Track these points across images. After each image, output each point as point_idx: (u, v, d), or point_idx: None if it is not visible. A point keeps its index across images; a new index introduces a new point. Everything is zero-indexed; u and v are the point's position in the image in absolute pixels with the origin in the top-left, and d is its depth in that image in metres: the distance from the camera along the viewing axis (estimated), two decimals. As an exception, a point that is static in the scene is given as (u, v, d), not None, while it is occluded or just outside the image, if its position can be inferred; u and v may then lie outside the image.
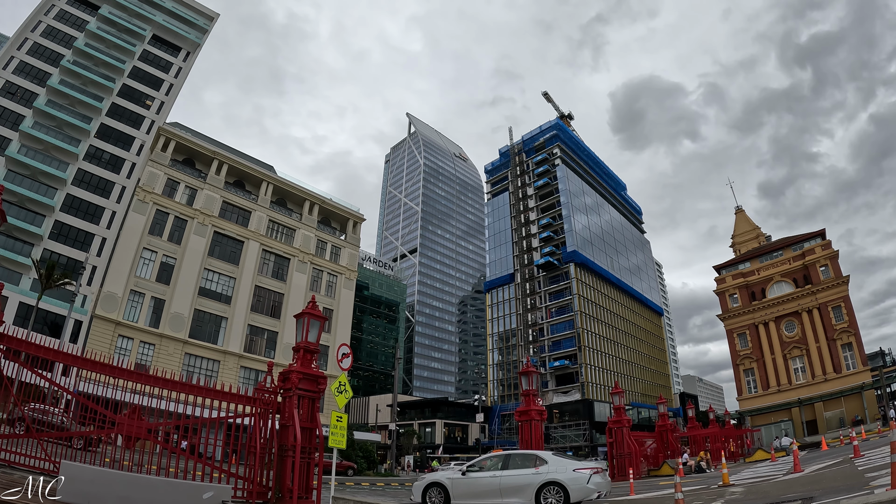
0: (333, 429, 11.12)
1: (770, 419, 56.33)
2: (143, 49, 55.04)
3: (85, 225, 45.03)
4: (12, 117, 44.56)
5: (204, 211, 49.15)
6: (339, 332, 56.28)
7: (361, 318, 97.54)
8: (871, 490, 8.04)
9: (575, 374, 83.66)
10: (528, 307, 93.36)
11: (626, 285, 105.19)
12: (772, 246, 69.36)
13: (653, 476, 27.51)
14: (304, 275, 55.10)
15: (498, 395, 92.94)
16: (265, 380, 10.51)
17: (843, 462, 16.86)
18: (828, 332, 57.68)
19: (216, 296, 48.45)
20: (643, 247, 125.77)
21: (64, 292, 39.09)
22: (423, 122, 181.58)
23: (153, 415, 10.53)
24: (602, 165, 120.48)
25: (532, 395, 20.08)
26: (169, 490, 8.09)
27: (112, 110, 50.31)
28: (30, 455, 9.38)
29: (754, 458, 33.89)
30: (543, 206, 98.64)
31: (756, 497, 11.15)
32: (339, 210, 62.15)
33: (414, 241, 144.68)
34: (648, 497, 14.73)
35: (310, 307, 11.09)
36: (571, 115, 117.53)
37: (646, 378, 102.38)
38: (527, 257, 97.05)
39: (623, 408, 27.49)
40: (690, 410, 41.26)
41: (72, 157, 45.71)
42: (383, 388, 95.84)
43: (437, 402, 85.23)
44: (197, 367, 45.06)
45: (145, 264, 44.83)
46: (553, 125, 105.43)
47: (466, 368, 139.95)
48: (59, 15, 51.10)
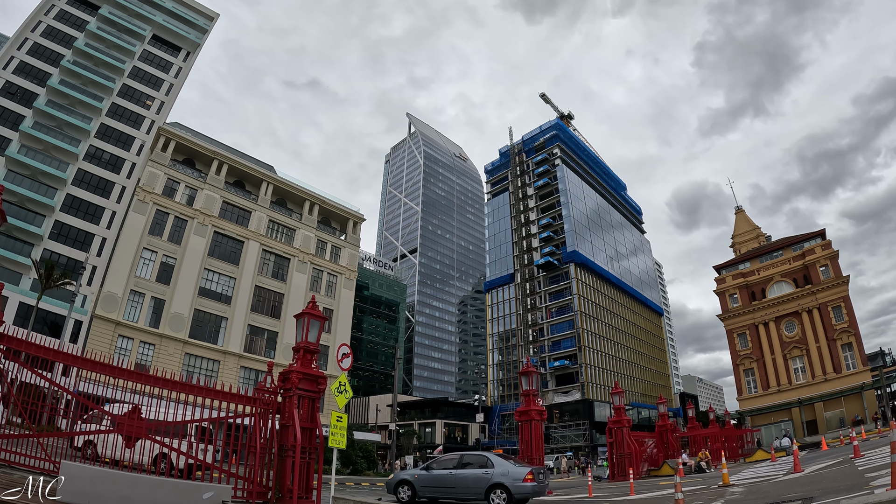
0: (333, 429, 11.12)
1: (770, 419, 56.30)
2: (143, 49, 55.06)
3: (85, 225, 45.04)
4: (12, 117, 44.56)
5: (204, 211, 49.15)
6: (339, 332, 56.28)
7: (361, 318, 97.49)
8: (872, 490, 8.04)
9: (575, 374, 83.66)
10: (528, 307, 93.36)
11: (626, 285, 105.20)
12: (772, 246, 69.36)
13: (653, 476, 27.51)
14: (304, 275, 55.11)
15: (498, 395, 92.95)
16: (265, 380, 10.51)
17: (843, 462, 16.85)
18: (828, 332, 57.68)
19: (216, 296, 48.46)
20: (643, 247, 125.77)
21: (64, 292, 39.09)
22: (423, 122, 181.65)
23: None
24: (602, 165, 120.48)
25: (532, 395, 20.09)
26: (169, 490, 8.09)
27: (112, 110, 50.33)
28: (30, 455, 9.38)
29: (754, 458, 33.89)
30: (543, 206, 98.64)
31: (756, 497, 11.15)
32: (339, 210, 62.16)
33: (414, 241, 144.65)
34: (648, 497, 14.74)
35: (310, 307, 11.09)
36: (571, 115, 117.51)
37: (646, 378, 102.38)
38: (527, 257, 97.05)
39: (623, 408, 27.49)
40: (690, 410, 41.25)
41: (72, 157, 45.72)
42: (383, 388, 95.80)
43: (437, 402, 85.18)
44: (197, 368, 45.05)
45: (145, 264, 44.83)
46: (553, 125, 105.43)
47: (466, 368, 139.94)
48: (59, 15, 51.10)
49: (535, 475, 13.72)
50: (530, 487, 13.35)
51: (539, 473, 14.15)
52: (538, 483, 13.79)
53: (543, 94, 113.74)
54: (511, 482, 13.22)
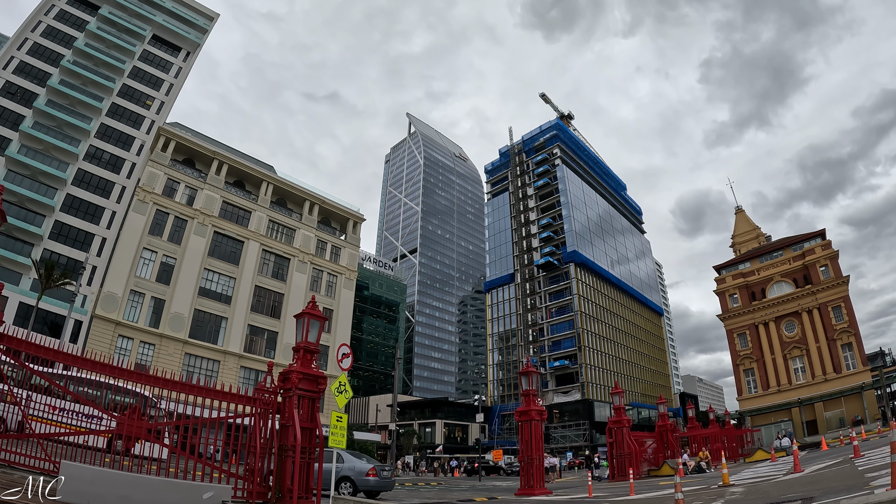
0: (333, 429, 11.12)
1: (770, 419, 56.23)
2: (143, 49, 55.06)
3: (85, 225, 45.04)
4: (12, 117, 44.56)
5: (204, 211, 49.15)
6: (339, 332, 56.28)
7: (361, 318, 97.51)
8: (872, 490, 8.04)
9: (575, 374, 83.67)
10: (528, 307, 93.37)
11: (626, 285, 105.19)
12: (772, 246, 69.34)
13: (653, 476, 27.51)
14: (304, 275, 55.11)
15: (498, 395, 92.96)
16: (265, 380, 10.50)
17: (843, 462, 16.84)
18: (828, 332, 57.67)
19: (216, 296, 48.46)
20: (643, 247, 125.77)
21: (64, 292, 39.09)
22: (424, 122, 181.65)
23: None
24: (602, 165, 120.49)
25: (532, 395, 20.05)
26: (169, 490, 8.09)
27: (112, 110, 50.33)
28: (30, 455, 9.38)
29: (754, 458, 33.87)
30: (543, 206, 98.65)
31: (756, 497, 11.14)
32: (338, 210, 62.15)
33: (414, 240, 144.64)
34: (648, 497, 14.74)
35: (310, 307, 11.09)
36: (571, 115, 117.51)
37: (646, 378, 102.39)
38: (527, 257, 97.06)
39: (623, 408, 27.46)
40: (690, 410, 41.21)
41: (72, 157, 45.72)
42: (383, 388, 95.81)
43: (437, 402, 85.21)
44: (197, 368, 45.06)
45: (145, 264, 44.83)
46: (553, 125, 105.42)
47: (466, 368, 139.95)
48: (59, 15, 51.10)
49: (378, 471, 15.64)
50: (373, 481, 15.31)
51: (382, 470, 16.05)
52: (381, 478, 15.63)
53: (543, 94, 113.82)
54: (356, 476, 15.09)
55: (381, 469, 16.13)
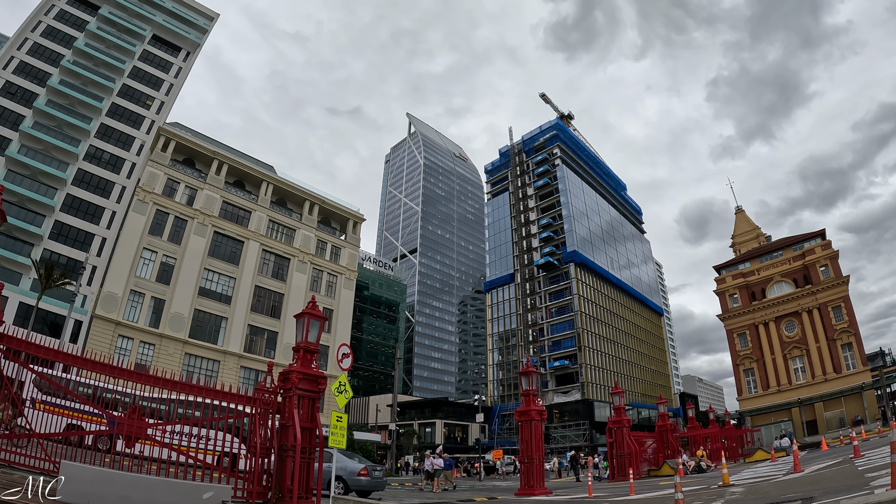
0: (333, 429, 11.11)
1: (770, 419, 56.27)
2: (143, 49, 55.05)
3: (85, 225, 45.03)
4: (12, 117, 44.56)
5: (204, 211, 49.15)
6: (339, 332, 56.27)
7: (361, 318, 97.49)
8: (872, 490, 8.03)
9: (575, 374, 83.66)
10: (528, 307, 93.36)
11: (626, 285, 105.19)
12: (772, 246, 69.34)
13: (653, 476, 27.50)
14: (304, 275, 55.11)
15: (498, 395, 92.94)
16: (265, 380, 10.50)
17: (843, 462, 16.84)
18: (828, 332, 57.66)
19: (216, 296, 48.45)
20: (643, 247, 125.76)
21: (64, 292, 39.09)
22: (423, 122, 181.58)
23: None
24: (602, 165, 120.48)
25: (532, 395, 20.05)
26: (169, 490, 8.09)
27: (112, 110, 50.33)
28: (30, 455, 9.38)
29: (754, 458, 33.88)
30: (543, 206, 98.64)
31: (756, 497, 11.14)
32: (339, 210, 62.15)
33: (414, 241, 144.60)
34: (648, 497, 14.74)
35: (310, 307, 11.09)
36: (571, 115, 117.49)
37: (646, 378, 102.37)
38: (527, 257, 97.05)
39: (623, 408, 27.46)
40: (690, 410, 41.17)
41: (72, 157, 45.72)
42: (383, 388, 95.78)
43: (437, 402, 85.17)
44: (197, 367, 45.06)
45: (145, 264, 44.83)
46: (553, 125, 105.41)
47: (466, 368, 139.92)
48: (59, 15, 51.10)
49: (370, 471, 15.86)
50: (365, 481, 15.52)
51: (374, 470, 16.27)
52: (372, 478, 15.85)
53: (543, 94, 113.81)
54: (347, 475, 15.22)
55: (373, 469, 16.39)
